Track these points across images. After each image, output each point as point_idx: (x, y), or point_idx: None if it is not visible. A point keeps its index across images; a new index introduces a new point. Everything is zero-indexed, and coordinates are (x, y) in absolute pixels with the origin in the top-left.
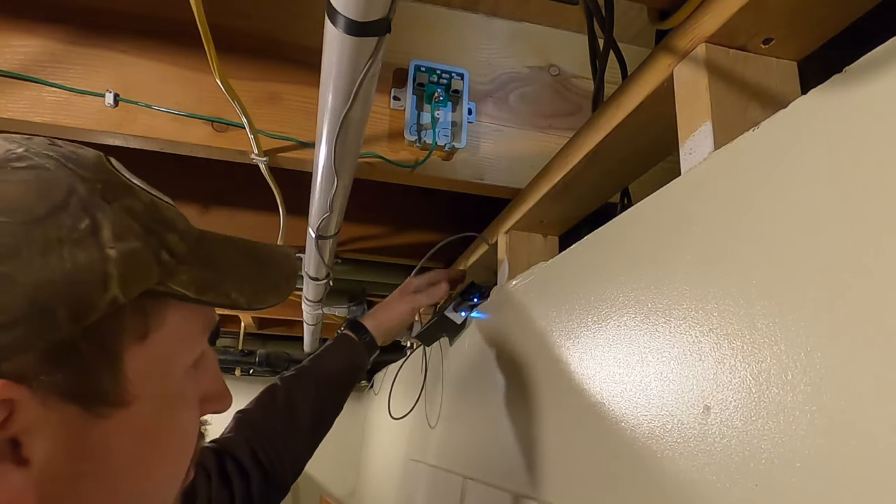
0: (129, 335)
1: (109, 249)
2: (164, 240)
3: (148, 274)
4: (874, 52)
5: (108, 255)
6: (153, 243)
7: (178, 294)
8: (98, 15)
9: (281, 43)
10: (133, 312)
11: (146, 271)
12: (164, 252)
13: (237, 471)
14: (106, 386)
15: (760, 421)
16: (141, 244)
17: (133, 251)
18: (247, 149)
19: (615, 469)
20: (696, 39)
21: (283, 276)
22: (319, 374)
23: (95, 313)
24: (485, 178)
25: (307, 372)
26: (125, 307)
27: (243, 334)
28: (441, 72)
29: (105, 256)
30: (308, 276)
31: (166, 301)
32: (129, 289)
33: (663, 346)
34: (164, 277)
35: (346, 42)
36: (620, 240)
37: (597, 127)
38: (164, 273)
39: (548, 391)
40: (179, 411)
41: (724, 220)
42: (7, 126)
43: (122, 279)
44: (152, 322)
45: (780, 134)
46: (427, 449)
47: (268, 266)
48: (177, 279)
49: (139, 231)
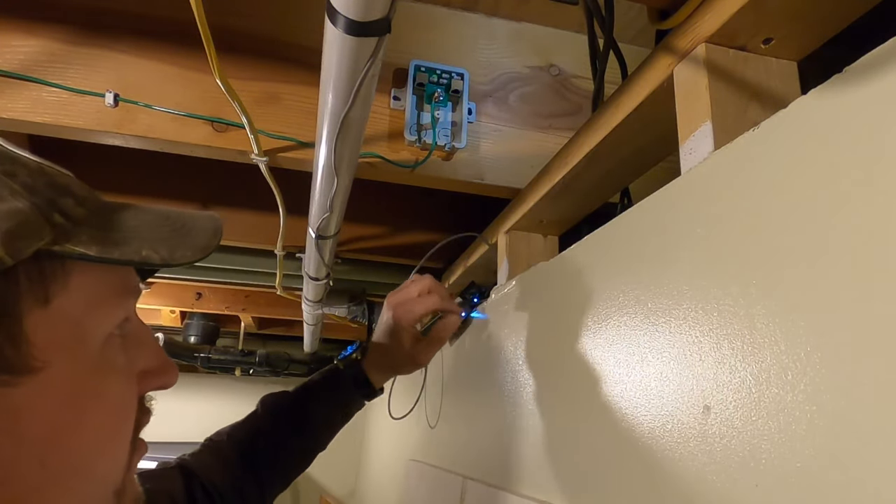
0: (26, 299)
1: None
2: (56, 202)
3: (36, 234)
4: (874, 52)
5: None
6: (41, 204)
7: (77, 254)
8: (98, 15)
9: (281, 43)
10: (28, 275)
11: (34, 231)
12: (56, 214)
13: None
14: (7, 353)
15: (760, 421)
16: (24, 204)
17: (15, 211)
18: (247, 149)
19: (615, 469)
20: (696, 39)
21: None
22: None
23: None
24: (485, 178)
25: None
26: (17, 269)
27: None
28: (441, 72)
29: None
30: (308, 276)
31: (68, 264)
32: (15, 249)
33: (663, 346)
34: (60, 238)
35: (346, 42)
36: (620, 240)
37: (597, 127)
38: (58, 233)
39: (548, 391)
40: (105, 378)
41: (724, 220)
42: (7, 126)
43: (6, 239)
44: (53, 286)
45: (780, 134)
46: (427, 449)
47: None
48: (74, 240)
49: (21, 193)
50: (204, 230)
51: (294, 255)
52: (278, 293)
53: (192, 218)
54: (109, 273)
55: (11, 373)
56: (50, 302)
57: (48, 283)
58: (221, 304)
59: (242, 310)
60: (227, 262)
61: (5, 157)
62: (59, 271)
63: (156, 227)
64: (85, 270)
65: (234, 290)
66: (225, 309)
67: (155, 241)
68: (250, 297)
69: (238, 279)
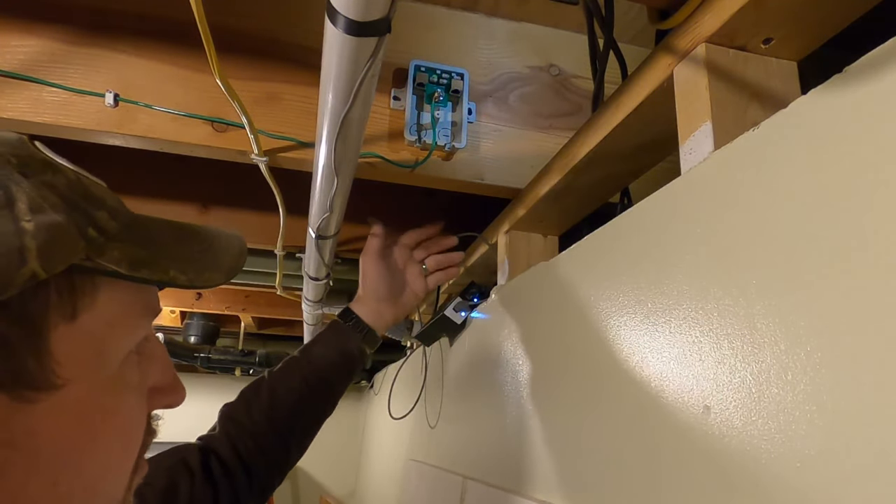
0: (55, 314)
1: (25, 222)
2: (91, 216)
3: (71, 248)
4: (874, 52)
5: (23, 227)
6: (77, 218)
7: (108, 270)
8: (98, 15)
9: (281, 43)
10: (58, 289)
11: (69, 245)
12: (90, 228)
13: (221, 470)
14: (31, 368)
15: (760, 421)
16: (62, 218)
17: (53, 224)
18: (247, 149)
19: (615, 469)
20: (696, 39)
21: (231, 255)
22: (306, 365)
23: (12, 288)
24: (485, 178)
25: (294, 364)
26: (49, 283)
27: (243, 334)
28: (441, 72)
29: (20, 229)
30: (308, 276)
31: (97, 279)
32: (50, 263)
33: (663, 346)
34: (92, 253)
35: (346, 42)
36: (620, 240)
37: (597, 127)
38: (91, 249)
39: (548, 391)
40: (120, 397)
41: (724, 220)
42: (7, 126)
43: (41, 252)
44: (82, 301)
45: (780, 134)
46: (427, 449)
47: (213, 246)
48: (107, 255)
49: (60, 205)
50: (228, 250)
51: (294, 255)
52: (278, 293)
53: (218, 237)
54: (135, 291)
55: (32, 388)
56: (77, 317)
57: (77, 298)
58: (221, 304)
59: (242, 310)
60: None
61: (46, 165)
62: (89, 286)
63: (185, 245)
64: (113, 287)
65: (234, 290)
66: (225, 309)
67: (183, 261)
68: (250, 297)
69: (238, 279)
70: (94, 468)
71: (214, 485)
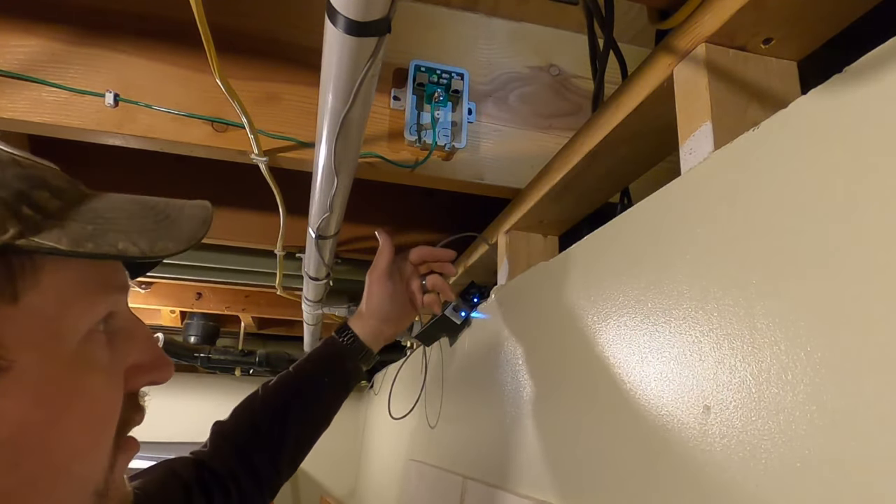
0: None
1: None
2: (26, 194)
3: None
4: (874, 52)
5: None
6: (7, 197)
7: (46, 248)
8: (98, 15)
9: (281, 43)
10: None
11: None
12: (24, 206)
13: (216, 484)
14: None
15: (760, 421)
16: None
17: None
18: (247, 149)
19: (615, 469)
20: (696, 39)
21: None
22: (299, 384)
23: None
24: (485, 178)
25: (287, 381)
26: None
27: (243, 334)
28: (441, 72)
29: None
30: (308, 276)
31: (37, 258)
32: None
33: (663, 346)
34: (28, 232)
35: (346, 42)
36: (620, 240)
37: (597, 127)
38: (26, 227)
39: (548, 391)
40: (84, 376)
41: (724, 220)
42: (7, 126)
43: None
44: (22, 282)
45: (780, 134)
46: (427, 449)
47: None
48: (44, 234)
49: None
50: (191, 219)
51: (294, 255)
52: (278, 293)
53: (180, 207)
54: (88, 268)
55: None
56: (19, 299)
57: (16, 279)
58: (221, 304)
59: (242, 310)
60: (227, 262)
61: None
62: (29, 267)
63: (136, 217)
64: (59, 266)
65: (234, 290)
66: (225, 309)
67: (133, 232)
68: (250, 297)
69: (238, 279)
70: (61, 449)
71: (211, 499)
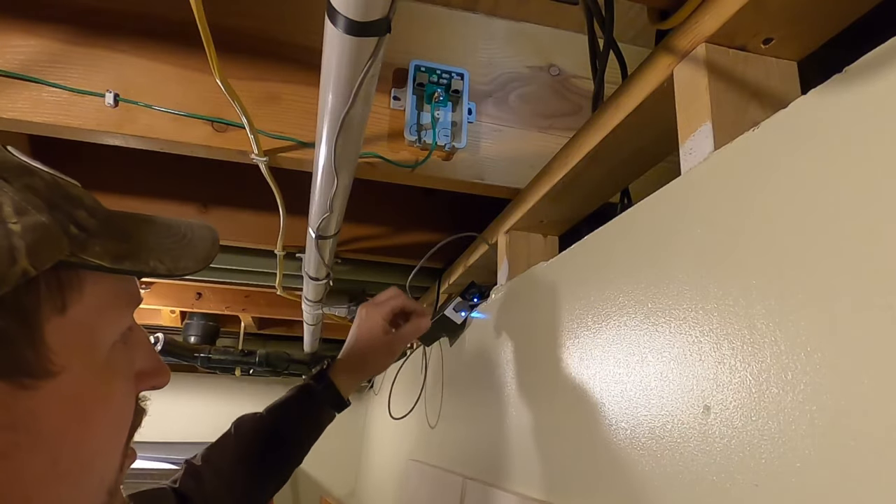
0: (46, 307)
1: (12, 224)
2: (72, 214)
3: (57, 246)
4: (874, 52)
5: (11, 229)
6: (59, 217)
7: (92, 265)
8: (98, 15)
9: (281, 43)
10: (48, 285)
11: (54, 243)
12: (72, 226)
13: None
14: (28, 358)
15: (760, 421)
16: (46, 218)
17: (38, 224)
18: (247, 149)
19: (615, 469)
20: (696, 39)
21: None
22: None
23: (6, 286)
24: (485, 178)
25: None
26: (39, 280)
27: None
28: (441, 72)
29: (8, 231)
30: (308, 276)
31: (83, 273)
32: (39, 260)
33: (663, 346)
34: (76, 249)
35: (346, 42)
36: (620, 240)
37: (597, 127)
38: (74, 245)
39: (548, 391)
40: (110, 382)
41: (724, 220)
42: (7, 126)
43: (30, 251)
44: (70, 294)
45: (780, 134)
46: (427, 449)
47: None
48: (90, 251)
49: (43, 207)
50: (203, 240)
51: (294, 255)
52: (278, 293)
53: (192, 228)
54: (118, 282)
55: (32, 376)
56: (66, 310)
57: (65, 291)
58: (221, 304)
59: (242, 310)
60: (227, 262)
61: (23, 169)
62: (75, 280)
63: (161, 237)
64: (97, 280)
65: (234, 290)
66: (225, 309)
67: (161, 252)
68: (250, 297)
69: (238, 279)
70: (89, 448)
71: None
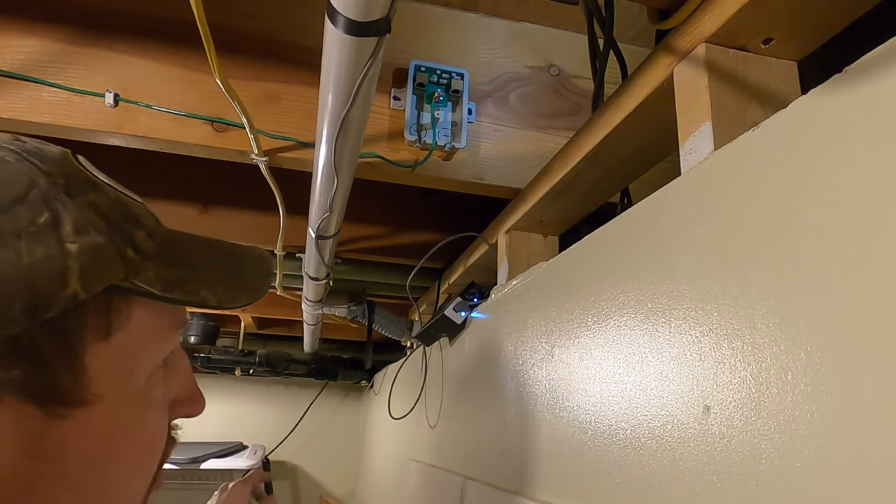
0: (91, 332)
1: (70, 244)
2: (131, 236)
3: (111, 270)
4: (874, 52)
5: (67, 249)
6: (118, 239)
7: (143, 291)
8: (98, 15)
9: (281, 43)
10: (96, 309)
11: (109, 267)
12: (129, 249)
13: None
14: (65, 384)
15: (760, 421)
16: (104, 239)
17: (95, 246)
18: (247, 149)
19: (615, 469)
20: (696, 39)
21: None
22: None
23: (54, 308)
24: (485, 178)
25: None
26: (87, 303)
27: (243, 334)
28: (441, 72)
29: (65, 251)
30: (308, 276)
31: (131, 298)
32: (91, 284)
33: (663, 346)
34: (129, 274)
35: (346, 42)
36: (620, 240)
37: (597, 127)
38: (128, 269)
39: (548, 391)
40: (145, 413)
41: (724, 220)
42: (7, 126)
43: (83, 274)
44: (116, 320)
45: (780, 134)
46: (427, 449)
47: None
48: (142, 276)
49: (103, 226)
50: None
51: (294, 255)
52: (278, 293)
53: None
54: (167, 307)
55: (64, 404)
56: (111, 336)
57: (112, 316)
58: None
59: (242, 310)
60: None
61: (88, 183)
62: (124, 305)
63: (216, 266)
64: (145, 305)
65: None
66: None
67: (214, 282)
68: None
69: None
70: (113, 481)
71: None
